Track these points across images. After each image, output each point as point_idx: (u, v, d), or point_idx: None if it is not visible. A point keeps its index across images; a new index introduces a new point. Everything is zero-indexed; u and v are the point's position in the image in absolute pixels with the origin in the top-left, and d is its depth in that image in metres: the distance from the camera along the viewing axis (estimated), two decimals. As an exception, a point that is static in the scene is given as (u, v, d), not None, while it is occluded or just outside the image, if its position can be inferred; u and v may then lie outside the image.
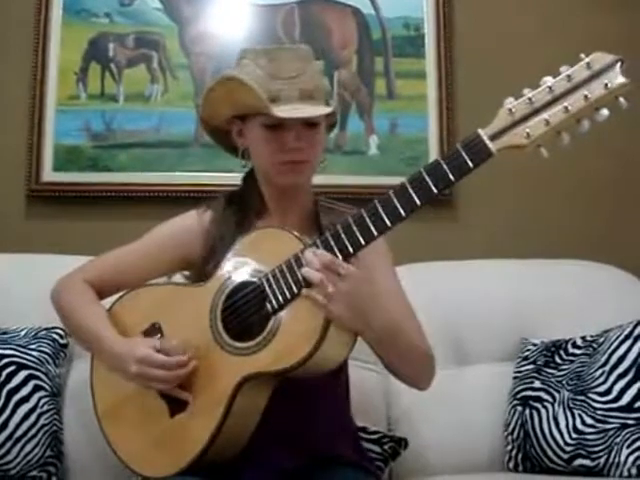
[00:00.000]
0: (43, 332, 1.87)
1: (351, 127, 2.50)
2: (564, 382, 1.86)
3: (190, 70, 2.50)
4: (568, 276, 2.16)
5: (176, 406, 1.44)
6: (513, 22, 2.59)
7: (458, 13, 2.57)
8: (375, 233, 1.34)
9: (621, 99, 1.24)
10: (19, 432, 1.73)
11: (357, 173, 2.48)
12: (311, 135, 1.51)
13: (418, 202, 1.32)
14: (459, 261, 2.17)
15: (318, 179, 1.64)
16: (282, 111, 1.45)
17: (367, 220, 1.34)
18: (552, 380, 1.88)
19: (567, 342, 1.93)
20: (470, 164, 1.29)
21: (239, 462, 1.43)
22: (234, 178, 1.68)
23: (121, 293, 1.61)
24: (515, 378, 1.94)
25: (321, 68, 1.62)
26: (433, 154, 2.49)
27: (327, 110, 1.52)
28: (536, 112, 1.27)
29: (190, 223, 1.60)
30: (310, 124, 1.51)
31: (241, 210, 1.58)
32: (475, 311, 2.05)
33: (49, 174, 2.41)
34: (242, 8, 2.53)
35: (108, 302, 1.61)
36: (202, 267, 1.54)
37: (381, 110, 2.53)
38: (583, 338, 1.93)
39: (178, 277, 1.65)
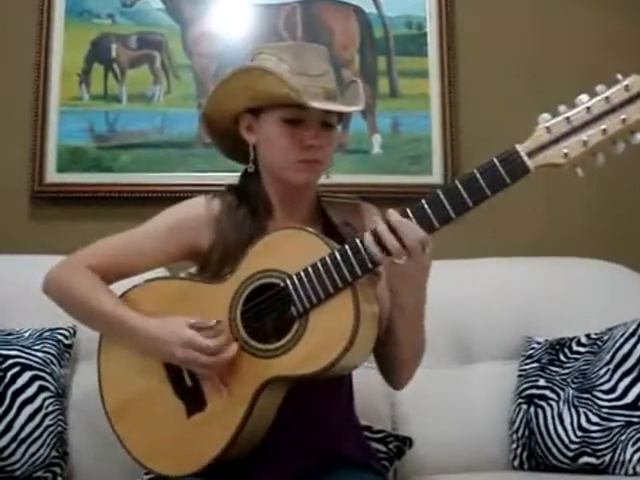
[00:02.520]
0: (47, 333, 1.87)
1: (354, 126, 2.49)
2: (569, 380, 1.86)
3: (193, 70, 2.50)
4: (572, 274, 2.16)
5: (193, 406, 1.44)
6: (516, 21, 2.58)
7: (460, 11, 2.56)
8: None
9: None
10: (24, 433, 1.73)
11: (360, 172, 2.48)
12: (327, 136, 1.50)
13: (452, 214, 1.32)
14: (462, 259, 2.17)
15: (321, 178, 1.64)
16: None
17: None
18: (557, 378, 1.88)
19: (571, 340, 1.93)
20: (507, 180, 1.29)
21: (247, 462, 1.43)
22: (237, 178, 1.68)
23: (133, 284, 1.56)
24: (520, 376, 1.94)
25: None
26: (436, 153, 2.49)
27: (357, 108, 1.52)
28: (574, 132, 1.27)
29: (199, 211, 1.55)
30: (326, 125, 1.50)
31: (251, 208, 1.54)
32: (479, 310, 2.05)
33: (53, 175, 2.41)
34: (244, 8, 2.53)
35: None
36: (215, 264, 1.51)
37: (384, 109, 2.52)
38: (588, 336, 1.92)
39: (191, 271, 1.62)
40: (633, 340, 1.83)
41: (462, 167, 2.42)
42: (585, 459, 1.77)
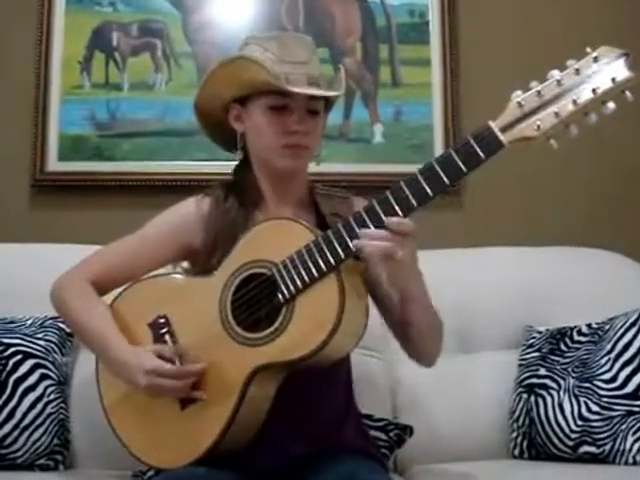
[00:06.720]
0: (49, 321, 1.88)
1: (356, 115, 2.49)
2: (569, 369, 1.86)
3: (194, 58, 2.49)
4: (573, 263, 2.16)
5: (186, 397, 1.44)
6: (518, 9, 2.57)
7: (463, -1, 2.56)
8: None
9: (627, 93, 1.25)
10: (26, 421, 1.74)
11: (362, 161, 2.48)
12: (312, 122, 1.54)
13: (430, 193, 1.33)
14: (463, 249, 2.17)
15: (322, 167, 1.64)
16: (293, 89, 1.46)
17: (378, 209, 1.36)
18: (557, 367, 1.88)
19: (572, 329, 1.93)
20: (482, 155, 1.30)
21: (246, 449, 1.44)
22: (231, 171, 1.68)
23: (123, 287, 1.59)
24: (520, 365, 1.95)
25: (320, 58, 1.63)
26: (438, 142, 2.48)
27: (336, 93, 1.55)
28: (545, 105, 1.29)
29: (189, 211, 1.59)
30: (311, 112, 1.53)
31: (240, 200, 1.58)
32: (480, 299, 2.05)
33: (54, 164, 2.41)
34: (246, -5, 2.52)
35: (109, 296, 1.59)
36: (204, 256, 1.54)
37: (386, 98, 2.52)
38: (588, 325, 1.93)
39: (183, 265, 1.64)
40: (634, 330, 1.83)
41: (464, 156, 2.41)
42: (585, 448, 1.78)
